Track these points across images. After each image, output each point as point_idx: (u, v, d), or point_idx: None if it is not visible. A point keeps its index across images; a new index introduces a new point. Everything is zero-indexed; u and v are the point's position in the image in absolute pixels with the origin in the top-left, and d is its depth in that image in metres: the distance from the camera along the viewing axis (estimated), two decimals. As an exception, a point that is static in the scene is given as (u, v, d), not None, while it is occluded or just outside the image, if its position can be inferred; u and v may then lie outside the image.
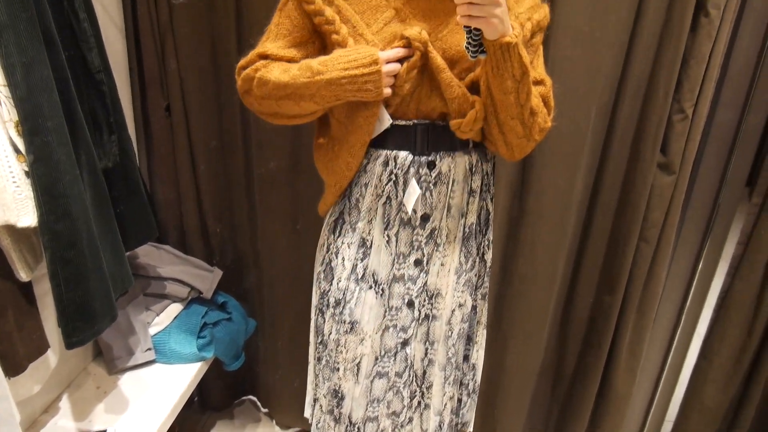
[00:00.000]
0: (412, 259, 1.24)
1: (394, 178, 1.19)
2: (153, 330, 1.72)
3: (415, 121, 1.16)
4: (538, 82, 1.18)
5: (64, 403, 1.57)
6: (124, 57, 1.74)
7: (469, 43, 1.02)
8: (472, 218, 1.26)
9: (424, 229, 1.22)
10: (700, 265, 1.83)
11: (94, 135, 1.38)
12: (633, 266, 1.73)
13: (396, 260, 1.24)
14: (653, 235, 1.69)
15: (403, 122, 1.16)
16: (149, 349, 1.70)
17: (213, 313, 1.82)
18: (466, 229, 1.26)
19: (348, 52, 1.08)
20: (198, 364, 1.74)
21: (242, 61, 1.20)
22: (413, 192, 1.18)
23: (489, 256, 1.34)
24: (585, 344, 1.90)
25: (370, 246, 1.24)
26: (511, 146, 1.18)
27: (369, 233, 1.24)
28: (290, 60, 1.16)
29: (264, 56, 1.17)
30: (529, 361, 1.93)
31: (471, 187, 1.23)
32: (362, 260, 1.25)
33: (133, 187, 1.52)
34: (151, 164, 1.87)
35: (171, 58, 1.72)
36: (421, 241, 1.23)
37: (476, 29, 1.00)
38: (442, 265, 1.25)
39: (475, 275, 1.31)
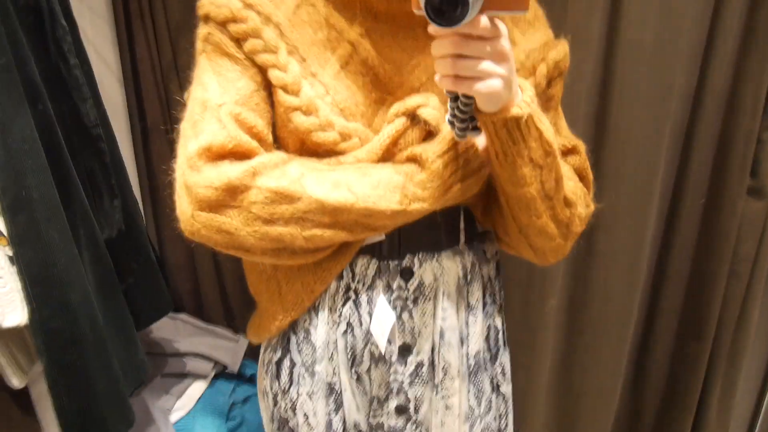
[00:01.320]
0: (391, 405, 0.86)
1: (353, 297, 0.83)
2: (175, 416, 1.49)
3: None
4: (569, 151, 0.87)
5: None
6: (123, 106, 1.54)
7: (454, 116, 0.68)
8: (477, 345, 0.89)
9: (405, 365, 0.84)
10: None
11: (94, 201, 1.16)
12: (723, 307, 1.50)
13: (371, 405, 0.88)
14: (745, 270, 1.46)
15: None
16: (171, 439, 1.47)
17: (241, 389, 1.60)
18: (471, 361, 0.89)
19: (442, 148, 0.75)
20: (227, 453, 1.51)
21: (202, 146, 0.71)
22: (384, 317, 0.82)
23: (507, 388, 0.98)
24: (666, 400, 1.66)
25: (341, 391, 0.86)
26: (543, 252, 0.86)
27: (335, 375, 0.86)
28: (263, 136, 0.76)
29: (252, 132, 0.74)
30: (601, 419, 1.69)
31: (468, 302, 0.88)
32: (337, 411, 0.87)
33: (142, 256, 1.31)
34: (159, 225, 1.66)
35: (177, 105, 1.52)
36: (402, 381, 0.85)
37: (466, 96, 0.67)
38: (447, 408, 0.88)
39: (494, 418, 0.95)
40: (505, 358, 0.96)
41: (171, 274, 1.68)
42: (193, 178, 0.71)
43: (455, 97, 0.67)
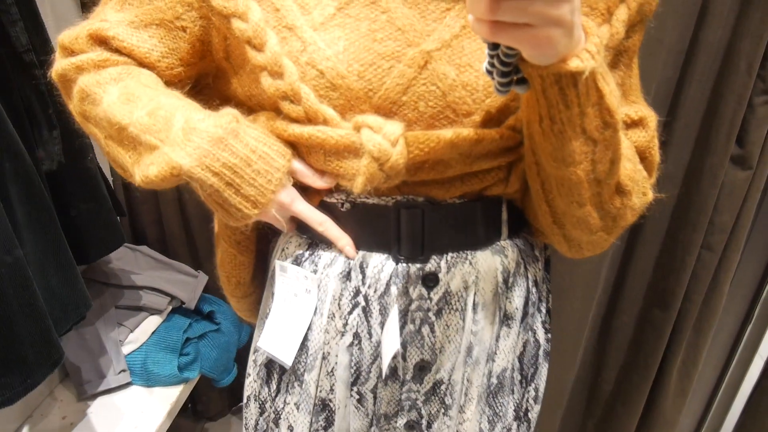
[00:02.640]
0: (401, 421, 0.73)
1: (363, 303, 0.68)
2: (127, 348, 1.49)
3: (398, 198, 0.66)
4: (633, 124, 0.69)
5: (22, 439, 1.36)
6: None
7: (492, 65, 0.53)
8: (504, 362, 0.74)
9: (421, 384, 0.71)
10: (771, 273, 1.54)
11: (32, 132, 1.11)
12: (692, 278, 1.44)
13: (375, 423, 0.74)
14: (719, 242, 1.40)
15: (374, 200, 0.66)
16: (123, 370, 1.47)
17: (198, 325, 1.59)
18: (494, 380, 0.74)
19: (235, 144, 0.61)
20: (180, 387, 1.51)
21: (65, 38, 0.69)
22: (391, 337, 0.66)
23: (535, 413, 0.82)
24: (628, 363, 1.63)
25: (335, 409, 0.73)
26: (578, 245, 0.70)
27: (330, 391, 0.72)
28: (142, 60, 0.68)
29: (99, 39, 0.68)
30: (561, 380, 1.68)
31: (506, 311, 0.72)
32: (326, 430, 0.75)
33: (89, 187, 1.27)
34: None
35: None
36: (416, 399, 0.72)
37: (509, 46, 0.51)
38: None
39: None
40: (541, 378, 0.80)
41: (134, 206, 1.65)
42: (60, 58, 0.71)
43: (495, 45, 0.51)
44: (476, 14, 0.44)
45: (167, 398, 1.47)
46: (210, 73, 0.72)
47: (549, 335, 0.80)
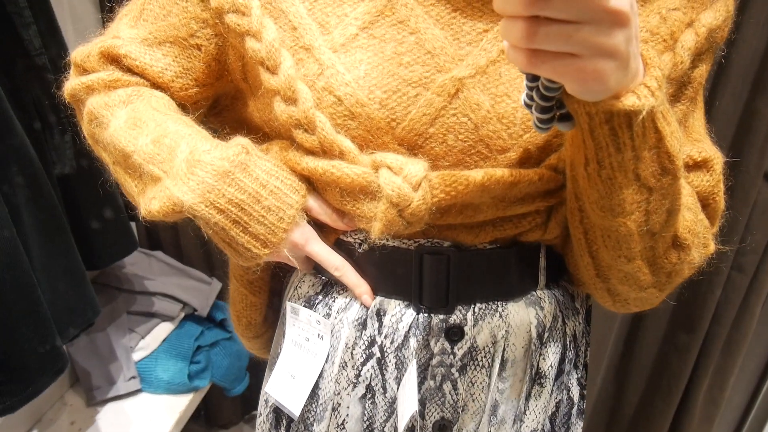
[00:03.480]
0: None
1: (378, 354, 0.63)
2: (138, 355, 1.48)
3: (421, 242, 0.60)
4: (695, 166, 0.61)
5: (30, 444, 1.36)
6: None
7: (531, 98, 0.45)
8: (534, 423, 0.66)
9: None
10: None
11: (44, 136, 1.11)
12: (721, 300, 1.38)
13: None
14: (751, 264, 1.33)
15: (395, 243, 0.61)
16: (133, 377, 1.46)
17: (210, 333, 1.57)
18: None
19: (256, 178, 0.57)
20: (190, 395, 1.50)
21: (77, 55, 0.67)
22: (408, 398, 0.61)
23: None
24: (651, 386, 1.57)
25: None
26: (624, 300, 0.62)
27: None
28: (156, 80, 0.64)
29: (111, 57, 0.64)
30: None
31: (538, 369, 0.65)
32: None
33: (102, 192, 1.25)
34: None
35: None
36: None
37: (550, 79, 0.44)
38: None
39: None
40: None
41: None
42: (73, 76, 0.68)
43: (534, 76, 0.43)
44: (511, 41, 0.38)
45: (176, 406, 1.46)
46: (229, 94, 0.69)
47: (584, 391, 0.72)
